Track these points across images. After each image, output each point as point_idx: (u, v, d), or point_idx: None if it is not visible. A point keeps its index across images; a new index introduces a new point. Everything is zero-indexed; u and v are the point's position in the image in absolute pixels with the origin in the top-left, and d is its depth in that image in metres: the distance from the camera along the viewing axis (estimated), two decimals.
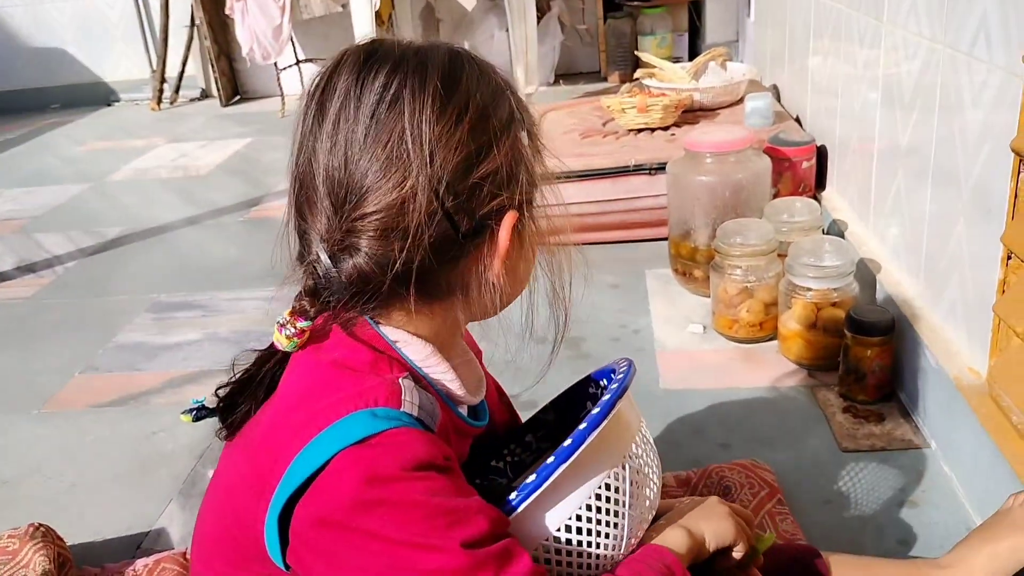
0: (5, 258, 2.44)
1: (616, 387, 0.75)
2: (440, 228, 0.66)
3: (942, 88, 1.25)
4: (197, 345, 1.81)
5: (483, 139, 0.66)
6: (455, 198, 0.65)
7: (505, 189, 0.68)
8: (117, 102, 4.54)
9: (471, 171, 0.66)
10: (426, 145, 0.64)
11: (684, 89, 2.28)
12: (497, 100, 0.69)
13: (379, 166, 0.64)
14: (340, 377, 0.66)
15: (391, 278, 0.66)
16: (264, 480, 0.63)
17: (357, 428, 0.61)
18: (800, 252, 1.45)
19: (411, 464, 0.61)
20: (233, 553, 0.70)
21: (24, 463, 1.44)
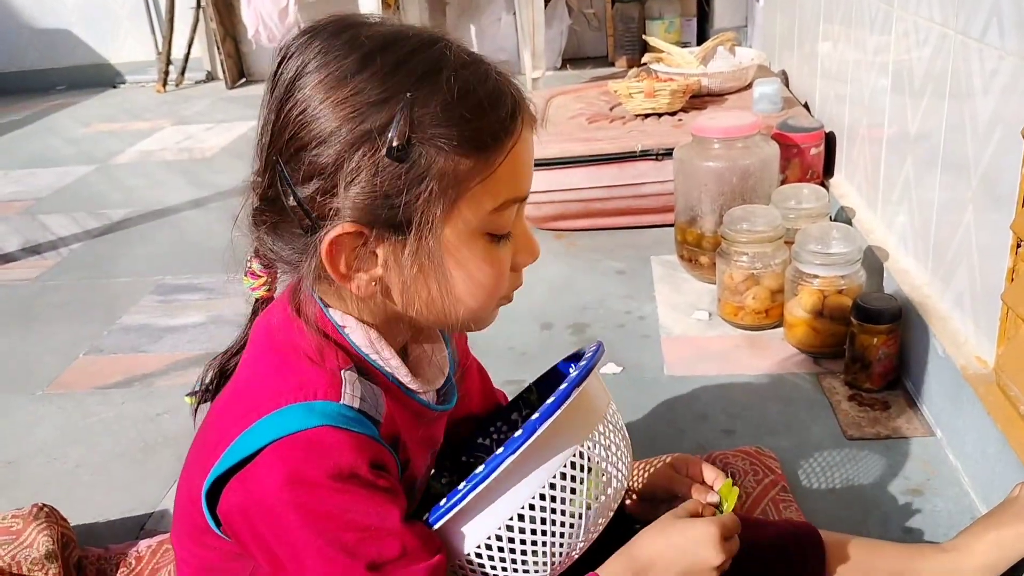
0: (10, 239, 2.44)
1: (562, 388, 0.70)
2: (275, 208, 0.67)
3: (953, 75, 1.24)
4: (202, 327, 1.81)
5: (342, 138, 0.62)
6: (285, 161, 0.65)
7: (333, 198, 0.63)
8: (122, 84, 4.53)
9: (303, 152, 0.64)
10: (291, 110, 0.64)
11: (692, 74, 2.27)
12: (385, 107, 0.62)
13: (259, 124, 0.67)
14: (286, 364, 0.67)
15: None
16: (208, 458, 0.66)
17: (291, 421, 0.63)
18: (807, 239, 1.44)
19: (334, 471, 0.62)
20: (191, 526, 0.72)
21: (28, 444, 1.45)
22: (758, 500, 1.13)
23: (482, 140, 0.64)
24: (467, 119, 0.63)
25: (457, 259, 0.67)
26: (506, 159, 0.66)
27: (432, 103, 0.62)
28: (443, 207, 0.64)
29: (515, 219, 0.70)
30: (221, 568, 0.73)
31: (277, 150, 0.65)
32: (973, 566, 0.93)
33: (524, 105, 0.68)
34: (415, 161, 0.62)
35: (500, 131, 0.65)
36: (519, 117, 0.67)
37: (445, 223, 0.65)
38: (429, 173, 0.63)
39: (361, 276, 0.67)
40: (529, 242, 0.73)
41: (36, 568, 1.06)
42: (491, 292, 0.70)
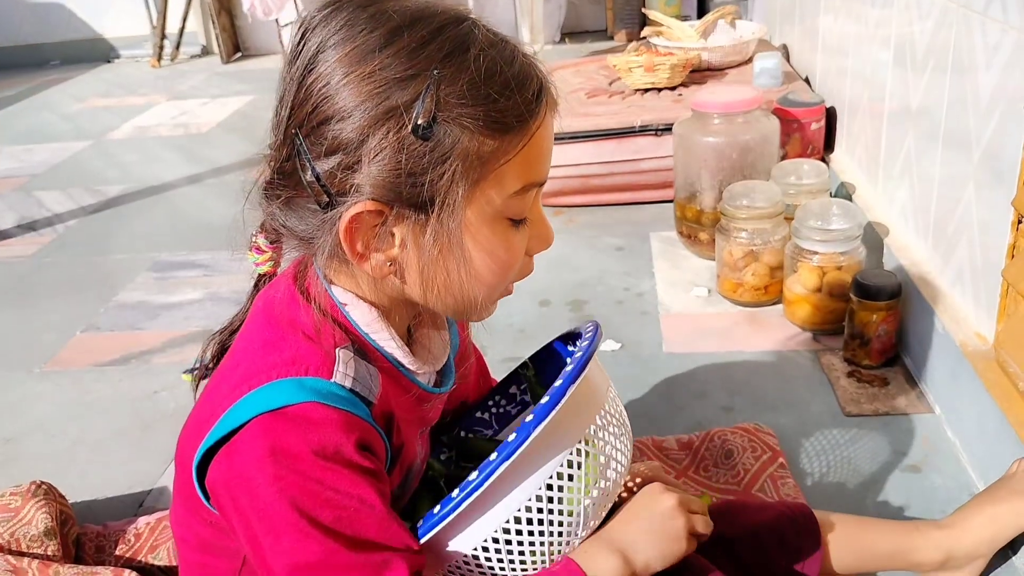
0: (5, 216, 2.43)
1: (558, 385, 0.68)
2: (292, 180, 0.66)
3: (955, 49, 1.23)
4: (199, 304, 1.80)
5: (368, 112, 0.61)
6: (305, 135, 0.64)
7: (355, 174, 0.62)
8: (117, 59, 4.49)
9: (324, 126, 0.63)
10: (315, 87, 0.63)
11: (692, 48, 2.25)
12: (412, 83, 0.61)
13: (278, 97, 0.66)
14: (281, 339, 0.67)
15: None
16: (201, 431, 0.65)
17: (279, 395, 0.63)
18: (807, 215, 1.43)
19: (318, 447, 0.61)
20: (187, 497, 0.72)
21: (26, 421, 1.45)
22: (756, 477, 1.13)
23: (507, 121, 0.63)
24: (494, 99, 0.62)
25: (476, 242, 0.66)
26: (529, 142, 0.65)
27: (459, 81, 0.61)
28: (465, 187, 0.63)
29: (532, 204, 0.69)
30: (218, 545, 0.73)
31: (297, 123, 0.64)
32: (970, 542, 0.93)
33: (548, 88, 0.67)
34: (440, 140, 0.61)
35: (525, 113, 0.64)
36: (544, 100, 0.66)
37: (467, 204, 0.64)
38: (453, 152, 0.62)
39: (377, 256, 0.66)
40: (545, 229, 0.72)
41: (35, 545, 1.06)
42: (502, 277, 0.69)
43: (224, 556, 0.73)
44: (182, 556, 0.78)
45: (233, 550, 0.71)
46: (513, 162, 0.64)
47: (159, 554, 1.08)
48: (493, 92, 0.62)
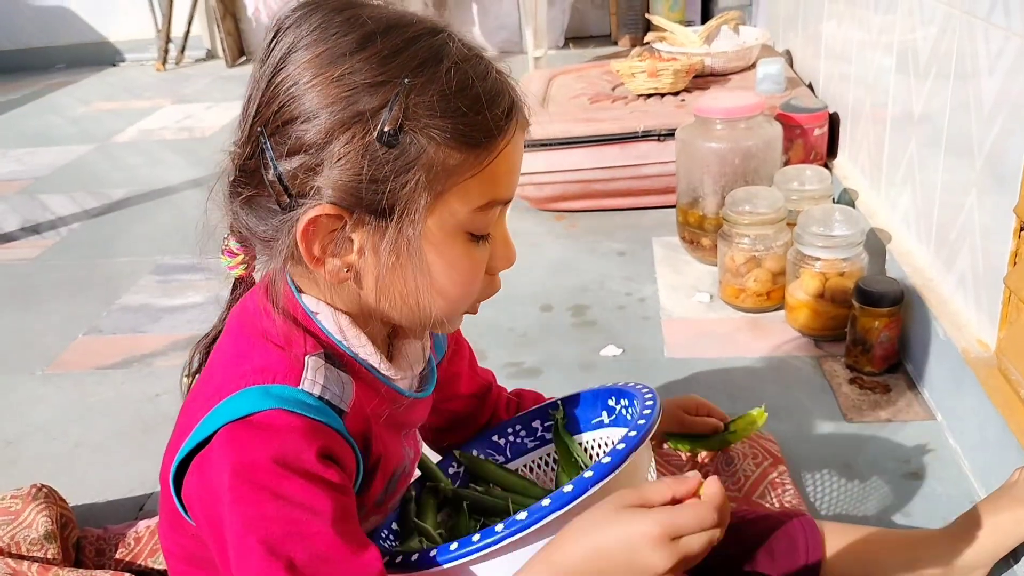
0: (9, 218, 2.43)
1: (620, 450, 0.66)
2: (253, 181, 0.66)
3: (958, 55, 1.22)
4: (201, 308, 1.80)
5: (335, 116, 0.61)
6: (270, 134, 0.63)
7: (316, 176, 0.62)
8: (122, 62, 4.51)
9: (289, 126, 0.62)
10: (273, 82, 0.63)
11: (695, 53, 2.25)
12: (381, 90, 0.61)
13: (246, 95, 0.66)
14: (252, 349, 0.67)
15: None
16: (180, 442, 0.66)
17: (246, 403, 0.63)
18: (809, 221, 1.43)
19: (278, 455, 0.61)
20: (169, 511, 0.72)
21: (27, 424, 1.45)
22: (757, 483, 1.13)
23: (475, 136, 0.63)
24: (463, 113, 0.62)
25: (435, 256, 0.65)
26: (496, 159, 0.64)
27: (429, 92, 0.61)
28: (428, 199, 0.63)
29: (496, 222, 0.69)
30: (202, 557, 0.71)
31: (262, 121, 0.63)
32: (972, 552, 0.92)
33: (519, 107, 0.67)
34: (405, 148, 0.61)
35: (494, 130, 0.64)
36: (514, 118, 0.66)
37: (428, 215, 0.64)
38: (418, 162, 0.62)
39: (334, 261, 0.65)
40: (507, 248, 0.71)
41: (35, 548, 1.06)
42: (464, 293, 0.69)
43: (211, 567, 0.72)
44: (171, 568, 0.78)
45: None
46: (478, 177, 0.64)
47: (159, 558, 1.08)
48: (463, 106, 0.62)
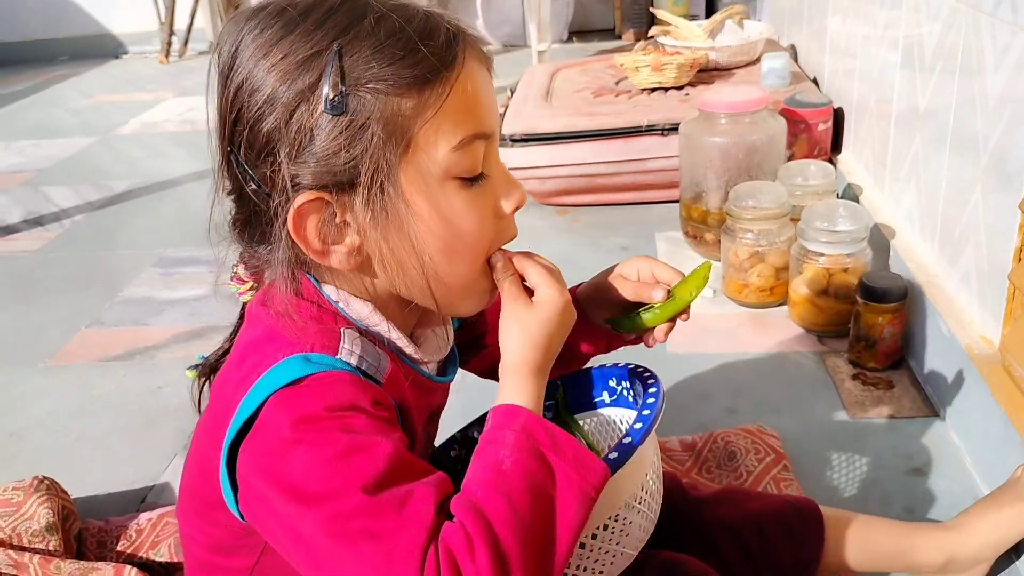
0: (12, 211, 2.43)
1: (625, 443, 0.66)
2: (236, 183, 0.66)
3: (964, 51, 1.22)
4: (204, 301, 1.80)
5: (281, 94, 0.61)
6: (238, 147, 0.64)
7: (286, 167, 0.62)
8: (125, 54, 4.50)
9: (248, 130, 0.63)
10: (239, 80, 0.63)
11: (699, 48, 2.24)
12: (315, 62, 0.61)
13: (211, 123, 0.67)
14: (283, 328, 0.66)
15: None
16: (219, 429, 0.64)
17: (289, 371, 0.62)
18: (813, 216, 1.43)
19: (334, 404, 0.60)
20: (200, 502, 0.71)
21: (30, 416, 1.45)
22: (759, 479, 1.12)
23: (420, 75, 0.62)
24: (400, 57, 0.61)
25: (422, 211, 0.64)
26: (452, 93, 0.63)
27: (361, 49, 0.61)
28: (393, 153, 0.62)
29: (488, 160, 0.67)
30: (231, 546, 0.72)
31: (228, 139, 0.64)
32: (973, 546, 0.93)
33: (466, 37, 0.66)
34: (355, 111, 0.61)
35: (439, 63, 0.62)
36: (458, 48, 0.64)
37: (400, 170, 0.63)
38: (371, 120, 0.61)
39: (338, 249, 0.65)
40: (510, 184, 0.69)
41: (37, 540, 1.06)
42: (470, 247, 0.67)
43: (238, 554, 0.72)
44: (190, 553, 0.77)
45: (249, 547, 0.71)
46: (443, 116, 0.63)
47: (160, 550, 1.08)
48: (398, 50, 0.61)
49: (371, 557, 0.56)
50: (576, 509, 0.59)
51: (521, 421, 0.62)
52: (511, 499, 0.57)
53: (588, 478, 0.60)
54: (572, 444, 0.62)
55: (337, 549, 0.57)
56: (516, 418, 0.63)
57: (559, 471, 0.60)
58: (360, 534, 0.56)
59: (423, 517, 0.57)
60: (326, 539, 0.57)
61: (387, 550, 0.56)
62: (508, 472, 0.59)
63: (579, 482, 0.60)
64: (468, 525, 0.56)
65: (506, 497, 0.57)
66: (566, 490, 0.60)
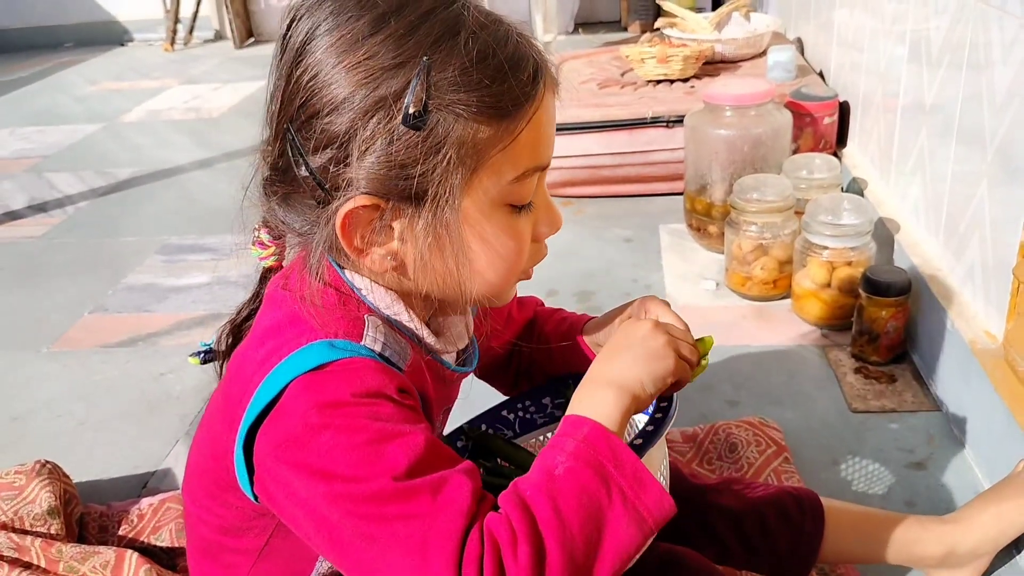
0: (16, 196, 2.44)
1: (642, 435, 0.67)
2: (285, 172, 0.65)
3: (971, 44, 1.21)
4: (207, 288, 1.80)
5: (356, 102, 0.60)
6: (297, 131, 0.63)
7: (347, 168, 0.61)
8: (130, 42, 4.50)
9: (314, 120, 0.62)
10: (307, 77, 0.62)
11: (705, 40, 2.23)
12: (401, 71, 0.60)
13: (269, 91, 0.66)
14: (306, 313, 0.65)
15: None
16: (235, 410, 0.64)
17: (313, 356, 0.61)
18: (818, 210, 1.43)
19: (361, 391, 0.60)
20: (211, 483, 0.71)
21: (32, 400, 1.45)
22: (760, 470, 1.12)
23: (502, 106, 0.61)
24: (486, 84, 0.60)
25: (477, 231, 0.64)
26: (527, 126, 0.63)
27: (450, 67, 0.60)
28: (461, 177, 0.61)
29: (536, 188, 0.67)
30: (241, 528, 0.72)
31: (288, 118, 0.63)
32: (974, 539, 0.93)
33: (547, 69, 0.65)
34: (432, 129, 0.60)
35: (521, 97, 0.62)
36: (541, 82, 0.64)
37: (464, 194, 0.62)
38: (447, 141, 0.60)
39: (376, 251, 0.64)
40: (551, 212, 0.70)
41: (38, 523, 1.06)
42: (512, 265, 0.68)
43: (247, 536, 0.72)
44: (196, 534, 0.77)
45: (259, 529, 0.70)
46: (512, 148, 0.63)
47: (162, 535, 1.09)
48: (486, 77, 0.60)
49: (407, 538, 0.55)
50: (627, 526, 0.57)
51: (585, 431, 0.60)
52: (557, 504, 0.56)
53: (643, 499, 0.58)
54: (633, 459, 0.59)
55: (369, 531, 0.56)
56: (581, 428, 0.61)
57: (614, 484, 0.58)
58: (396, 516, 0.56)
59: (460, 502, 0.56)
60: (357, 521, 0.56)
61: (423, 531, 0.55)
62: (560, 478, 0.58)
63: (633, 500, 0.58)
64: (514, 520, 0.55)
65: (553, 501, 0.56)
66: (620, 506, 0.57)
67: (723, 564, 0.90)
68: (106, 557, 1.02)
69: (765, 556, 0.90)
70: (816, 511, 0.91)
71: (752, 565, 0.92)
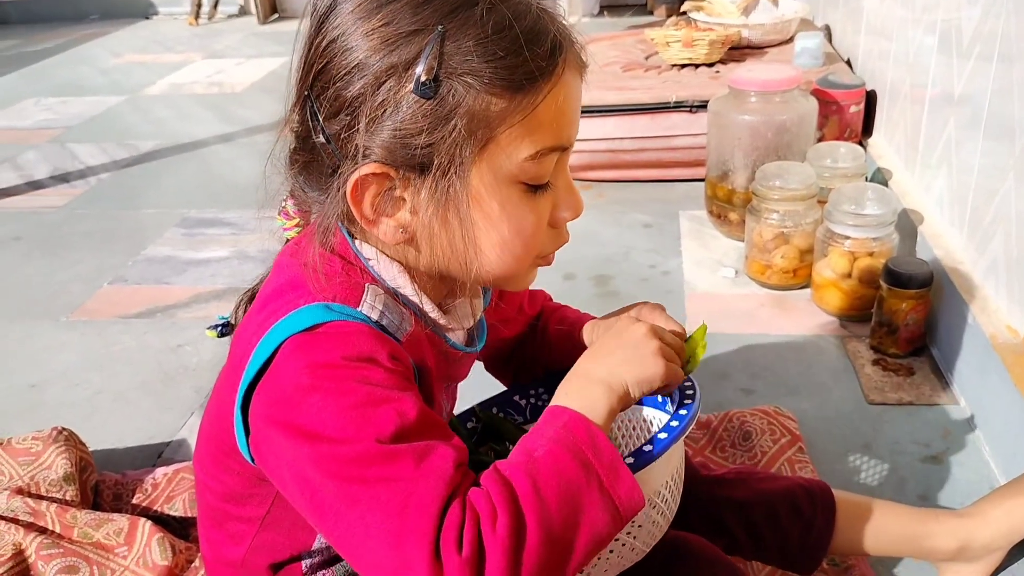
0: (39, 166, 2.45)
1: (656, 441, 0.66)
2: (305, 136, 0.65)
3: (1003, 36, 1.19)
4: (225, 262, 1.81)
5: (373, 64, 0.60)
6: (316, 97, 0.63)
7: (358, 134, 0.61)
8: (155, 15, 4.51)
9: (331, 86, 0.61)
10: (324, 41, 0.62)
11: (732, 25, 2.21)
12: (415, 39, 0.59)
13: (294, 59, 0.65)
14: (307, 277, 0.65)
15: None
16: (236, 373, 0.64)
17: (307, 317, 0.62)
18: (841, 199, 1.41)
19: (352, 354, 0.60)
20: (216, 448, 0.72)
21: (50, 368, 1.46)
22: (774, 459, 1.12)
23: (517, 80, 0.60)
24: (500, 56, 0.59)
25: (485, 208, 0.63)
26: (544, 102, 0.61)
27: (464, 37, 0.59)
28: (471, 149, 0.61)
29: (556, 170, 0.66)
30: (244, 495, 0.72)
31: (308, 84, 0.63)
32: (988, 533, 0.92)
33: (569, 46, 0.64)
34: (443, 98, 0.59)
35: (537, 71, 0.61)
36: (560, 58, 0.62)
37: (473, 167, 0.61)
38: (457, 112, 0.59)
39: (387, 221, 0.64)
40: (572, 196, 0.68)
41: (54, 489, 1.08)
42: (523, 247, 0.66)
43: (250, 504, 0.72)
44: (204, 501, 0.77)
45: (261, 496, 0.71)
46: (527, 123, 0.61)
47: (175, 504, 1.09)
48: (500, 49, 0.60)
49: (387, 502, 0.55)
50: (602, 512, 0.58)
51: (564, 419, 0.61)
52: (537, 482, 0.57)
53: (618, 489, 0.59)
54: (610, 449, 0.60)
55: (350, 492, 0.56)
56: (560, 416, 0.62)
57: (591, 469, 0.58)
58: (377, 479, 0.56)
59: (442, 472, 0.56)
60: (340, 482, 0.57)
61: (404, 496, 0.55)
62: (540, 459, 0.58)
63: (609, 489, 0.58)
64: (494, 495, 0.56)
65: (532, 479, 0.57)
66: (597, 492, 0.58)
67: (732, 555, 0.89)
68: (120, 524, 1.03)
69: (774, 548, 0.90)
70: (828, 504, 0.90)
71: (761, 557, 0.91)
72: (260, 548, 0.74)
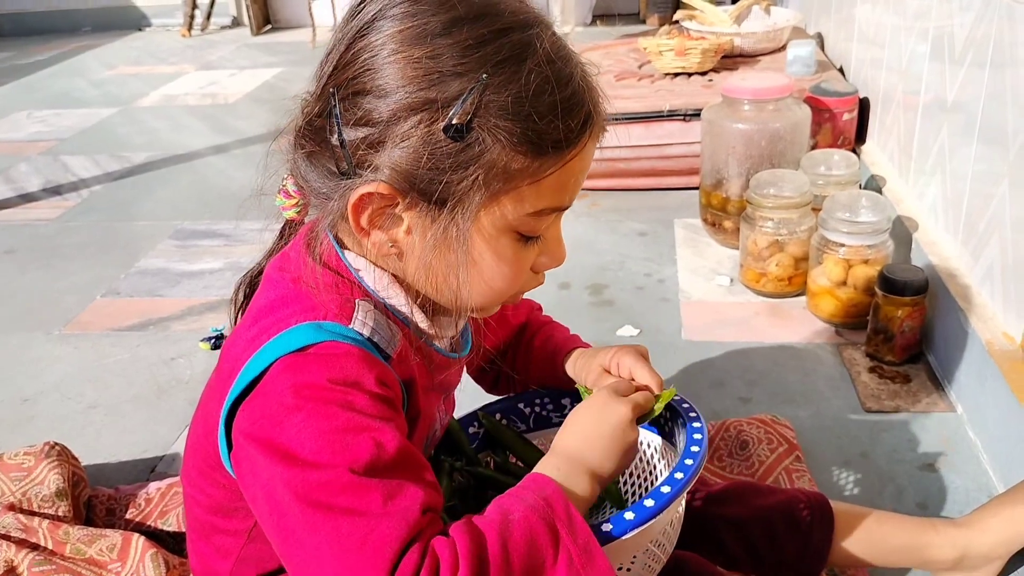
0: (32, 179, 2.44)
1: (673, 489, 0.68)
2: (315, 140, 0.65)
3: (995, 42, 1.19)
4: (219, 274, 1.80)
5: (409, 91, 0.60)
6: (341, 99, 0.63)
7: (377, 153, 0.61)
8: (148, 27, 4.51)
9: (360, 97, 0.62)
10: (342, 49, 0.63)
11: (725, 33, 2.21)
12: (458, 81, 0.60)
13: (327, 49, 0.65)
14: (298, 294, 0.66)
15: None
16: (224, 388, 0.65)
17: (298, 337, 0.62)
18: (835, 206, 1.41)
19: (338, 378, 0.61)
20: (202, 461, 0.72)
21: (43, 382, 1.45)
22: (771, 469, 1.11)
23: (544, 145, 0.61)
24: (535, 119, 0.60)
25: (479, 249, 0.65)
26: (560, 169, 0.63)
27: (505, 91, 0.60)
28: (483, 197, 0.62)
29: (550, 225, 0.68)
30: (229, 508, 0.72)
31: (336, 83, 0.63)
32: (986, 542, 0.91)
33: (597, 117, 0.65)
34: (470, 144, 0.60)
35: (564, 141, 0.62)
36: (588, 131, 0.64)
37: (481, 213, 0.63)
38: (480, 160, 0.61)
39: (380, 235, 0.65)
40: (558, 247, 0.71)
41: (46, 505, 1.07)
42: (503, 289, 0.69)
43: (236, 517, 0.73)
44: (193, 515, 0.77)
45: (246, 510, 0.70)
46: (539, 184, 0.63)
47: (169, 519, 1.08)
48: (536, 112, 0.60)
49: (348, 535, 0.56)
50: None
51: (547, 492, 0.62)
52: (507, 543, 0.58)
53: (589, 572, 0.59)
54: (587, 532, 0.61)
55: (314, 519, 0.57)
56: (544, 487, 0.63)
57: (563, 547, 0.59)
58: (341, 510, 0.56)
59: (408, 514, 0.57)
60: (305, 507, 0.57)
61: (365, 532, 0.56)
62: (513, 522, 0.59)
63: (579, 568, 0.59)
64: (461, 546, 0.56)
65: (503, 539, 0.58)
66: (564, 567, 0.59)
67: (730, 571, 0.89)
68: (113, 540, 1.02)
69: (773, 564, 0.89)
70: (826, 517, 0.90)
71: (760, 573, 0.91)
72: (247, 560, 0.74)
